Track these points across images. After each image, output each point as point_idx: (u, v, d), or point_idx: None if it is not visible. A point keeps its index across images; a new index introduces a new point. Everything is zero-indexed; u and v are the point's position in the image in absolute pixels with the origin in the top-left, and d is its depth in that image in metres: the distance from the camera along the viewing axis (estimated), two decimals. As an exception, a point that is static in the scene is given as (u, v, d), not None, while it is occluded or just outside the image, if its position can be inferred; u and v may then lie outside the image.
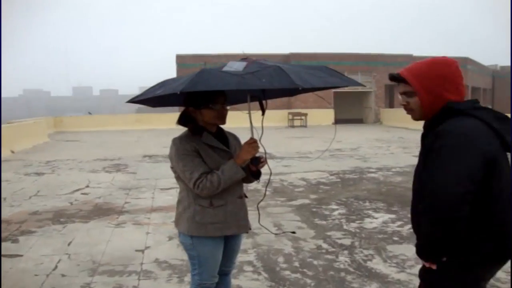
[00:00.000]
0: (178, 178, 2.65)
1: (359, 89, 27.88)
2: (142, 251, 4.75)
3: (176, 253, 4.64)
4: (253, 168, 2.62)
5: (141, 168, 10.80)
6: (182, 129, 2.67)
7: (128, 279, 4.01)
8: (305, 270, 4.13)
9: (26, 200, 7.32)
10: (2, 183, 8.42)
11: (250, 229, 2.79)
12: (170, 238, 5.15)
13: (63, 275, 4.10)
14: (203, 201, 2.56)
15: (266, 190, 3.03)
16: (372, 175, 9.33)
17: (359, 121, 29.00)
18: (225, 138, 2.74)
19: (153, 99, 2.61)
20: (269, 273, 4.09)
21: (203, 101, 2.53)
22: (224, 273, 2.86)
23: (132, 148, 15.12)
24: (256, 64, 2.35)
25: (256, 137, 2.56)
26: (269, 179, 2.81)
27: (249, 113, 2.60)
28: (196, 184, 2.46)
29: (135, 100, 2.63)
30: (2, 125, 14.20)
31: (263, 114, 2.58)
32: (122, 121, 24.88)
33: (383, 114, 28.14)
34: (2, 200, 7.25)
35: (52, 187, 8.40)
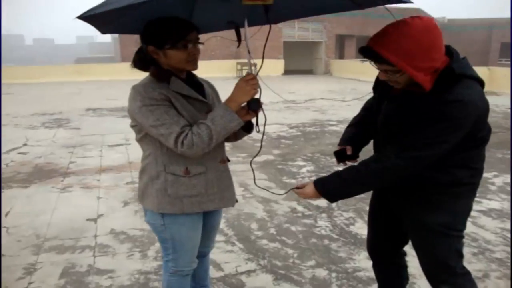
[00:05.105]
0: (141, 139, 2.00)
1: (309, 39, 27.33)
2: (95, 220, 4.16)
3: (134, 221, 4.10)
4: (251, 115, 1.96)
5: (85, 123, 9.93)
6: (130, 80, 1.95)
7: (81, 256, 3.43)
8: (283, 238, 3.72)
9: (-47, 162, 6.41)
10: None
11: (236, 201, 2.28)
12: (125, 204, 4.58)
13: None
14: (177, 168, 1.96)
15: (262, 141, 2.34)
16: (334, 128, 9.02)
17: (308, 72, 28.54)
18: (199, 85, 2.08)
19: (105, 20, 1.92)
20: (244, 243, 3.64)
21: (168, 39, 1.84)
22: (201, 255, 2.36)
23: (74, 101, 13.92)
24: None
25: (254, 72, 1.92)
26: (264, 128, 2.02)
27: (246, 40, 1.93)
28: (179, 141, 1.80)
29: (86, 15, 1.76)
30: None
31: (238, 45, 2.00)
32: (60, 72, 23.05)
33: (333, 65, 27.79)
34: None
35: (-17, 147, 7.45)
